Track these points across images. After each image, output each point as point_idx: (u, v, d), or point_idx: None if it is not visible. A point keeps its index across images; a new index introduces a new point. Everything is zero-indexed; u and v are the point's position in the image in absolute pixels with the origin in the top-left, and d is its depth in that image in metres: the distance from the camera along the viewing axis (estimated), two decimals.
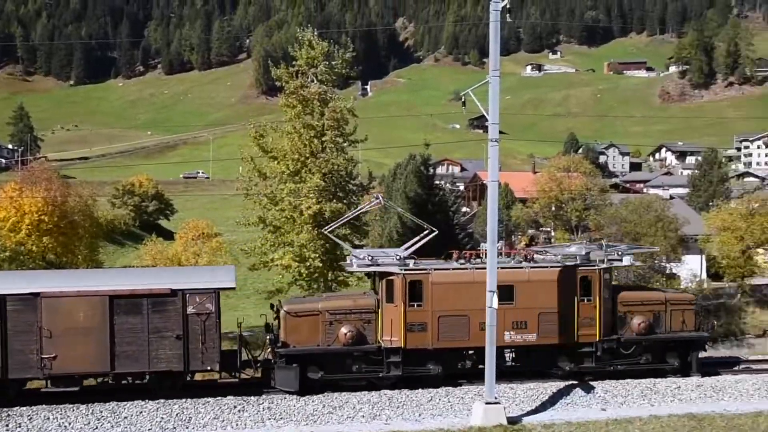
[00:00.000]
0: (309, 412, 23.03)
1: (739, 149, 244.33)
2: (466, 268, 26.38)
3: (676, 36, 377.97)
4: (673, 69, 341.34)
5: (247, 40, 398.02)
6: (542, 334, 26.07)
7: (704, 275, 60.67)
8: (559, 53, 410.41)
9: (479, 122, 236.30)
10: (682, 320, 27.44)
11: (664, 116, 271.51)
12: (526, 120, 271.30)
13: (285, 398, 24.21)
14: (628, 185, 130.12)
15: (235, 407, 23.59)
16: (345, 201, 37.94)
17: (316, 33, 38.85)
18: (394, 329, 25.37)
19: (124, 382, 24.84)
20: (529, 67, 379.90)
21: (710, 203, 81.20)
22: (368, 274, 27.94)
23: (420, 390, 24.34)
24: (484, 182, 22.59)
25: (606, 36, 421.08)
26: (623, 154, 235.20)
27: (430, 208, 48.21)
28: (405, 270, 25.66)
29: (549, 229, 72.95)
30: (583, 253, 27.20)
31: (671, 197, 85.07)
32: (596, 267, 26.75)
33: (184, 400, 23.86)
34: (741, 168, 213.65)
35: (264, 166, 38.24)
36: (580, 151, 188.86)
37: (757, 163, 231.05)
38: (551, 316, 26.08)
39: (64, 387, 24.02)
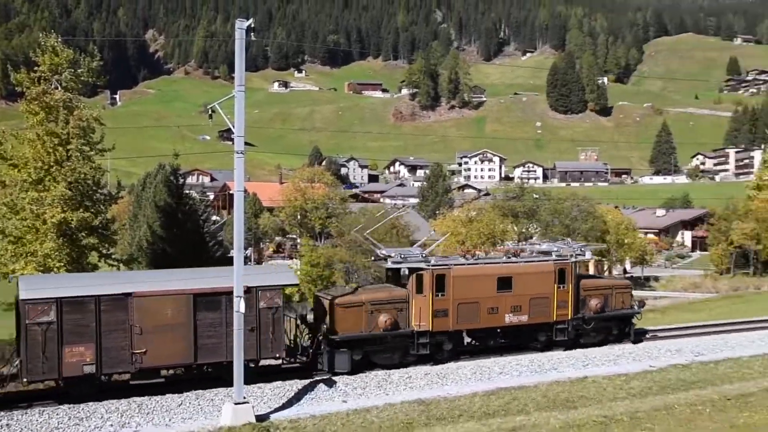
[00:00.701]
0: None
1: (460, 164, 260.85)
2: (477, 264, 30.07)
3: (407, 62, 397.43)
4: (404, 91, 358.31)
5: None
6: (532, 315, 30.21)
7: None
8: (304, 72, 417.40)
9: (228, 134, 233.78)
10: (623, 300, 32.78)
11: (398, 133, 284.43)
12: (274, 133, 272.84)
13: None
14: (366, 195, 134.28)
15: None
16: (93, 210, 35.59)
17: (60, 39, 36.20)
18: (423, 315, 28.18)
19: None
20: (276, 84, 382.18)
21: (437, 211, 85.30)
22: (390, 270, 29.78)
23: (169, 395, 23.42)
24: (232, 192, 22.54)
25: (346, 58, 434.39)
26: (362, 166, 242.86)
27: (180, 216, 46.71)
28: (432, 266, 28.64)
29: (295, 236, 73.54)
30: (555, 249, 31.96)
31: (404, 206, 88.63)
32: (569, 260, 31.27)
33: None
34: (462, 181, 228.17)
35: (3, 174, 34.92)
36: (324, 163, 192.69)
37: (475, 177, 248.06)
38: (539, 300, 30.30)
39: (149, 379, 24.52)
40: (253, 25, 22.01)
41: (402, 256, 28.85)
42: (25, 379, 22.76)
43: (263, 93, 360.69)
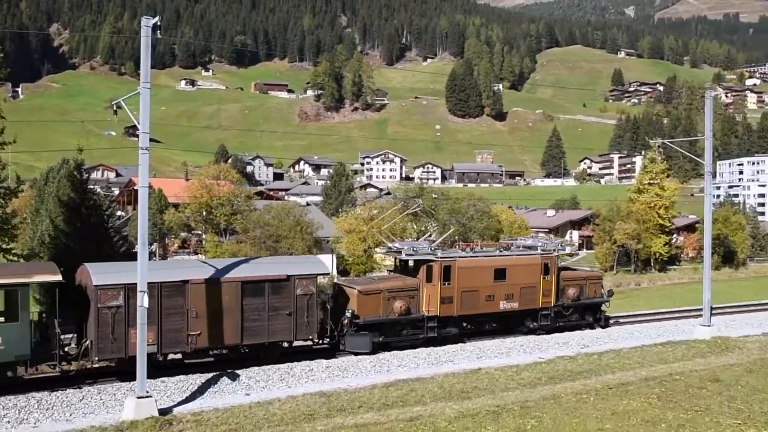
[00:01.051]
0: None
1: (363, 164, 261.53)
2: (477, 256, 32.86)
3: (313, 64, 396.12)
4: (310, 92, 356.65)
5: None
6: (522, 303, 33.23)
7: (335, 271, 64.13)
8: (211, 71, 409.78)
9: (133, 131, 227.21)
10: (595, 290, 36.22)
11: (303, 133, 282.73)
12: (181, 130, 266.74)
13: None
14: (271, 193, 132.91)
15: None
16: None
17: None
18: (431, 302, 30.88)
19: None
20: (183, 82, 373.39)
21: (339, 210, 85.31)
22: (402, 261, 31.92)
23: (70, 390, 22.61)
24: (137, 187, 21.93)
25: (253, 59, 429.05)
26: (268, 165, 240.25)
27: (84, 211, 45.13)
28: (441, 258, 31.19)
29: (200, 232, 72.14)
30: (540, 244, 35.09)
31: (308, 204, 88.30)
32: (553, 254, 34.45)
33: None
34: (364, 180, 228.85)
35: None
36: (230, 161, 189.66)
37: (377, 176, 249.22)
38: (528, 289, 33.30)
39: (200, 358, 26.23)
40: (159, 23, 21.52)
41: (414, 249, 31.45)
42: (96, 358, 23.84)
43: (170, 90, 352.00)
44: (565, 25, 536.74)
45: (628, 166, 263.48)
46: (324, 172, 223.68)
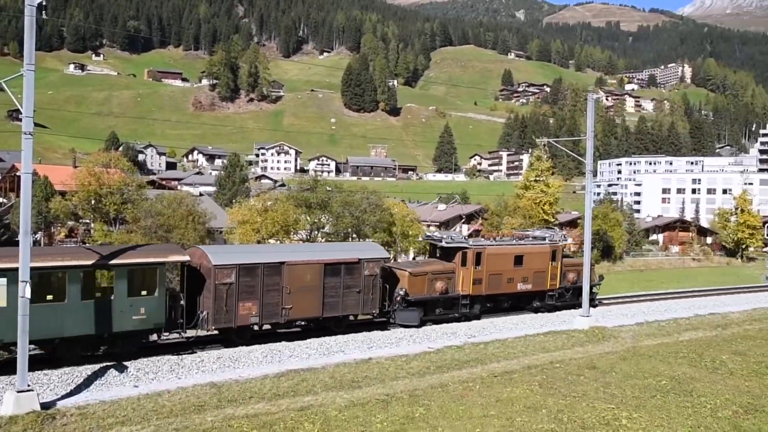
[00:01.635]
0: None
1: (257, 155, 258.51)
2: (501, 245, 38.42)
3: (208, 53, 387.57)
4: (205, 82, 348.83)
5: None
6: (534, 285, 38.71)
7: None
8: (102, 56, 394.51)
9: (17, 114, 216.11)
10: (590, 276, 38.94)
11: (197, 122, 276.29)
12: (69, 116, 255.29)
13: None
14: (164, 182, 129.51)
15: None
16: None
17: None
18: (465, 283, 35.91)
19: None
20: (72, 66, 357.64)
21: (233, 200, 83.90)
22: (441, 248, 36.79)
23: None
24: (20, 173, 20.81)
25: (147, 45, 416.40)
26: (160, 153, 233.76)
27: None
28: (473, 245, 36.68)
29: (88, 221, 69.41)
30: (548, 235, 40.61)
31: (201, 194, 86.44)
32: (559, 244, 39.91)
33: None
34: (259, 171, 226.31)
35: None
36: (121, 149, 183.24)
37: (272, 168, 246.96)
38: (539, 273, 38.77)
39: (289, 328, 30.78)
40: (45, 3, 20.51)
41: (452, 238, 36.80)
42: (213, 326, 27.45)
43: (58, 74, 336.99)
44: (458, 24, 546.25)
45: (516, 163, 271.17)
46: (218, 162, 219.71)
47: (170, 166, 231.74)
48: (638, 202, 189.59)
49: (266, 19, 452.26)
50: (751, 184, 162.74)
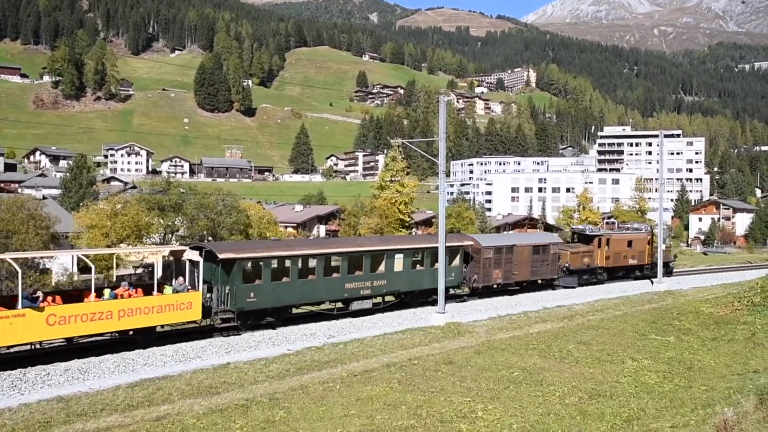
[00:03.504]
0: None
1: (106, 156, 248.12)
2: (619, 233, 54.98)
3: (50, 48, 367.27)
4: (47, 78, 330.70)
5: None
6: (638, 260, 55.36)
7: (75, 269, 59.91)
8: None
9: None
10: (669, 253, 54.87)
11: (39, 122, 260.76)
12: None
13: None
14: (2, 185, 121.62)
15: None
16: None
17: None
18: (600, 259, 52.15)
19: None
20: None
21: (80, 203, 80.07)
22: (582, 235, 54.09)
23: None
24: None
25: None
26: None
27: None
28: (604, 233, 53.18)
29: None
30: (644, 227, 58.45)
31: (44, 197, 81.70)
32: (651, 233, 56.71)
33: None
34: (108, 173, 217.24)
35: None
36: None
37: (122, 169, 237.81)
38: (641, 252, 55.53)
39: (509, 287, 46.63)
40: None
41: (590, 230, 54.46)
42: (480, 285, 43.78)
43: None
44: (313, 25, 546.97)
45: (372, 163, 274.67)
46: (63, 163, 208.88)
47: (9, 167, 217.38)
48: (489, 201, 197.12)
49: (113, 14, 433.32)
50: (591, 182, 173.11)
